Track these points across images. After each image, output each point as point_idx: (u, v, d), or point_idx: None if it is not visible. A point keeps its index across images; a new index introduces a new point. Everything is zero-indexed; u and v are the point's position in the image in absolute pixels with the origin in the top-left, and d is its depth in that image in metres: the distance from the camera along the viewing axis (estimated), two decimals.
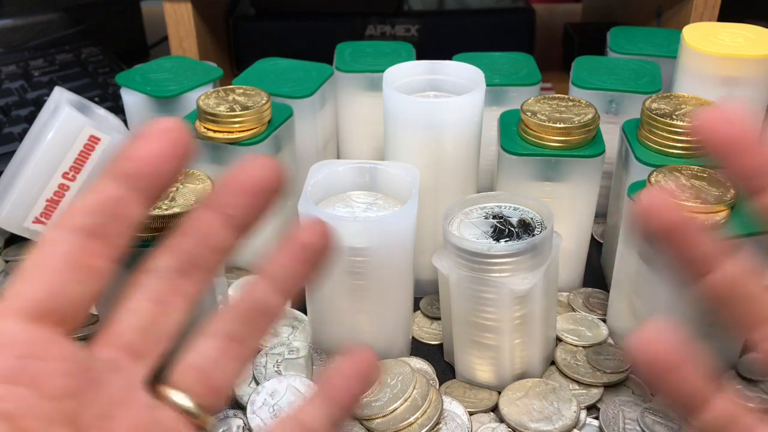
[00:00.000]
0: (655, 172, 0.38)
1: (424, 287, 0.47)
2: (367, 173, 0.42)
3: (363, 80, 0.54)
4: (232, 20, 0.76)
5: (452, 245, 0.37)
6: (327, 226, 0.27)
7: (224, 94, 0.46)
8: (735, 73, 0.47)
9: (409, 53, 0.57)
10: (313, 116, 0.52)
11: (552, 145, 0.42)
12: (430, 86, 0.47)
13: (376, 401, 0.38)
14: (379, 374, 0.27)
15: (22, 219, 0.48)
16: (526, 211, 0.39)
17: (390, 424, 0.37)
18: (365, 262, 0.38)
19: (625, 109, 0.50)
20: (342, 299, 0.40)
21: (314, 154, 0.53)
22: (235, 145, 0.44)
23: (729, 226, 0.36)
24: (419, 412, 0.37)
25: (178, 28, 0.64)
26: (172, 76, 0.53)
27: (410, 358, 0.42)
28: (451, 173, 0.44)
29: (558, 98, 0.45)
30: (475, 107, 0.43)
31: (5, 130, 0.62)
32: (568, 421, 0.36)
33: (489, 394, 0.39)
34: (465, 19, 0.77)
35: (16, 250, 0.51)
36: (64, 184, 0.49)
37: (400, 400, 0.37)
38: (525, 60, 0.55)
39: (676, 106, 0.43)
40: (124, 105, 0.53)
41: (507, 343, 0.38)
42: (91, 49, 0.76)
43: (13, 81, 0.69)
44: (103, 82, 0.70)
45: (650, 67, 0.53)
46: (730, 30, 0.49)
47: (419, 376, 0.39)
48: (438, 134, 0.42)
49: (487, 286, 0.36)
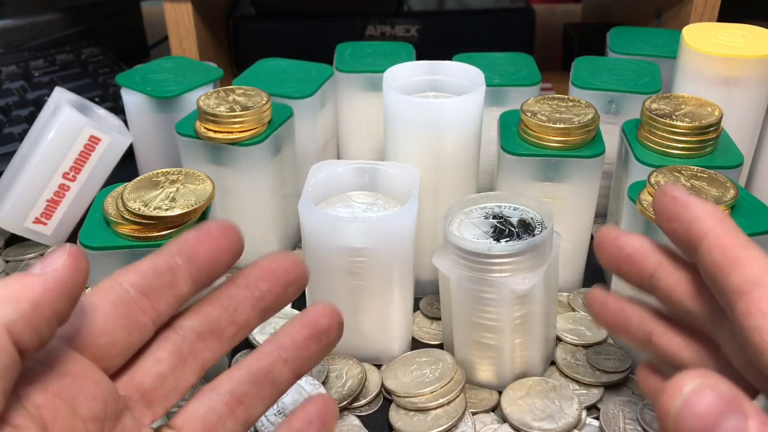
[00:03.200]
0: (654, 172, 0.38)
1: (424, 287, 0.47)
2: (367, 173, 0.42)
3: (363, 80, 0.54)
4: (232, 20, 0.76)
5: (452, 245, 0.37)
6: (337, 310, 0.31)
7: (224, 94, 0.46)
8: (735, 74, 0.47)
9: (409, 53, 0.57)
10: (313, 116, 0.52)
11: (552, 145, 0.42)
12: (430, 86, 0.47)
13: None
14: (336, 420, 0.30)
15: (22, 219, 0.48)
16: (526, 211, 0.39)
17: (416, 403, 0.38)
18: (365, 262, 0.38)
19: (625, 109, 0.51)
20: (342, 299, 0.40)
21: (314, 155, 0.53)
22: (235, 146, 0.44)
23: None
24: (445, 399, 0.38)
25: (178, 28, 0.64)
26: (172, 76, 0.53)
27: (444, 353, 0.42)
28: (451, 173, 0.44)
29: (558, 98, 0.45)
30: (475, 107, 0.43)
31: (5, 131, 0.62)
32: (571, 419, 0.36)
33: (489, 394, 0.39)
34: (465, 19, 0.77)
35: (16, 250, 0.51)
36: (64, 184, 0.49)
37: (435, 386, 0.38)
38: (525, 60, 0.56)
39: (676, 107, 0.43)
40: (125, 105, 0.54)
41: (507, 343, 0.38)
42: (92, 50, 0.76)
43: (14, 81, 0.69)
44: (103, 83, 0.70)
45: (650, 67, 0.53)
46: (729, 30, 0.49)
47: (459, 368, 0.40)
48: (438, 134, 0.42)
49: (487, 286, 0.37)
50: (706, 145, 0.42)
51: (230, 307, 0.28)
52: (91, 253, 0.36)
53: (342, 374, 0.40)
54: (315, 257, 0.39)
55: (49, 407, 0.23)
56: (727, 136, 0.44)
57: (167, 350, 0.27)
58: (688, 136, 0.41)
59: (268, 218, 0.48)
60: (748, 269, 0.25)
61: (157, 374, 0.27)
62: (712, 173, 0.38)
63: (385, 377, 0.40)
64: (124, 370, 0.26)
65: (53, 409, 0.23)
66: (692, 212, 0.27)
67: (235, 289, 0.29)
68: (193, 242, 0.28)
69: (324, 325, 0.30)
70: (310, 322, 0.30)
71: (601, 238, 0.31)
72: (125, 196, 0.37)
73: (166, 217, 0.35)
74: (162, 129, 0.53)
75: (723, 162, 0.41)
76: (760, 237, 0.36)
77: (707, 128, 0.41)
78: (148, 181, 0.38)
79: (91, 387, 0.24)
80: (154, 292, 0.26)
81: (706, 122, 0.41)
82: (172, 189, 0.37)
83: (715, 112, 0.43)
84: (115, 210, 0.37)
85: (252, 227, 0.48)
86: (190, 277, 0.27)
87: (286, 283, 0.29)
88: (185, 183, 0.38)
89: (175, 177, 0.39)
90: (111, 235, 0.36)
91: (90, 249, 0.36)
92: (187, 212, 0.36)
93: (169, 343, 0.27)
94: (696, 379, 0.21)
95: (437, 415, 0.37)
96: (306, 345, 0.29)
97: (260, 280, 0.29)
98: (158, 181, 0.38)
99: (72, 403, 0.23)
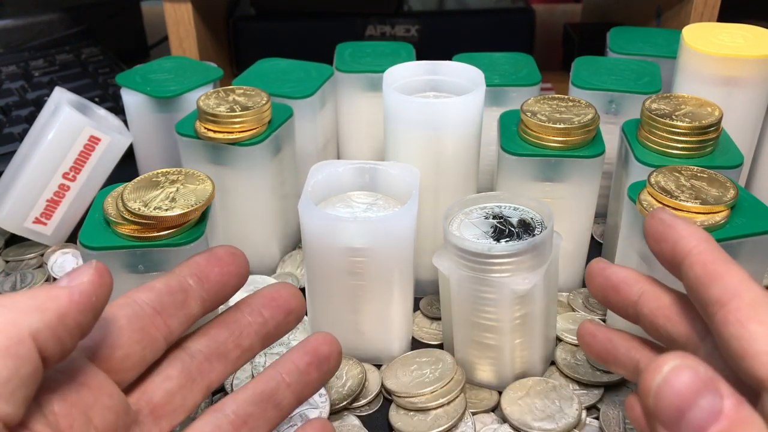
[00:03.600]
0: (654, 172, 0.38)
1: (424, 287, 0.47)
2: (367, 173, 0.42)
3: (363, 80, 0.54)
4: (232, 20, 0.76)
5: (452, 245, 0.37)
6: (336, 340, 0.32)
7: (224, 94, 0.46)
8: (735, 74, 0.47)
9: (409, 53, 0.57)
10: (313, 116, 0.52)
11: (552, 145, 0.42)
12: (430, 87, 0.47)
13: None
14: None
15: (22, 219, 0.48)
16: (526, 211, 0.39)
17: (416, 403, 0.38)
18: (365, 262, 0.38)
19: (625, 109, 0.51)
20: (342, 299, 0.40)
21: (314, 155, 0.53)
22: (235, 146, 0.44)
23: (729, 226, 0.36)
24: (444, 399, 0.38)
25: (178, 28, 0.64)
26: (172, 76, 0.53)
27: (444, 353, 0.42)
28: (451, 173, 0.44)
29: (558, 98, 0.45)
30: (475, 107, 0.43)
31: (5, 131, 0.62)
32: (571, 419, 0.36)
33: (489, 394, 0.39)
34: (465, 19, 0.77)
35: (16, 250, 0.51)
36: (64, 185, 0.49)
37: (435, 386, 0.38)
38: (525, 60, 0.56)
39: (676, 107, 0.43)
40: (125, 105, 0.54)
41: (507, 343, 0.38)
42: (92, 50, 0.76)
43: (14, 81, 0.69)
44: (103, 83, 0.70)
45: (650, 67, 0.53)
46: (729, 30, 0.49)
47: (459, 368, 0.40)
48: (438, 134, 0.42)
49: (487, 286, 0.37)
50: (706, 145, 0.42)
51: (236, 330, 0.30)
52: (91, 253, 0.36)
53: (342, 374, 0.40)
54: (315, 257, 0.39)
55: (66, 416, 0.24)
56: (727, 136, 0.44)
57: (176, 368, 0.28)
58: (688, 136, 0.41)
59: (268, 218, 0.48)
60: (726, 281, 0.26)
61: (167, 391, 0.28)
62: (712, 173, 0.38)
63: (385, 377, 0.40)
64: (135, 385, 0.27)
65: (70, 418, 0.24)
66: (677, 232, 0.29)
67: (240, 314, 0.31)
68: (204, 265, 0.29)
69: (325, 352, 0.31)
70: (311, 349, 0.31)
71: (590, 269, 0.33)
72: (125, 196, 0.36)
73: (166, 217, 0.35)
74: (162, 129, 0.53)
75: (723, 162, 0.41)
76: (760, 237, 0.36)
77: (707, 128, 0.41)
78: (148, 181, 0.38)
79: (106, 399, 0.25)
80: (168, 310, 0.28)
81: (706, 122, 0.41)
82: (172, 189, 0.37)
83: (715, 112, 0.43)
84: (115, 210, 0.37)
85: (252, 227, 0.48)
86: (201, 298, 0.29)
87: (287, 311, 0.31)
88: (185, 183, 0.38)
89: (175, 177, 0.39)
90: (111, 235, 0.36)
91: (90, 249, 0.36)
92: (187, 212, 0.36)
93: (179, 361, 0.29)
94: (676, 359, 0.23)
95: (437, 415, 0.37)
96: (307, 371, 0.31)
97: (263, 307, 0.31)
98: (158, 181, 0.38)
99: (88, 414, 0.24)
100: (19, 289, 0.47)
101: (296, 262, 0.50)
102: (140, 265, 0.36)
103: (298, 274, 0.49)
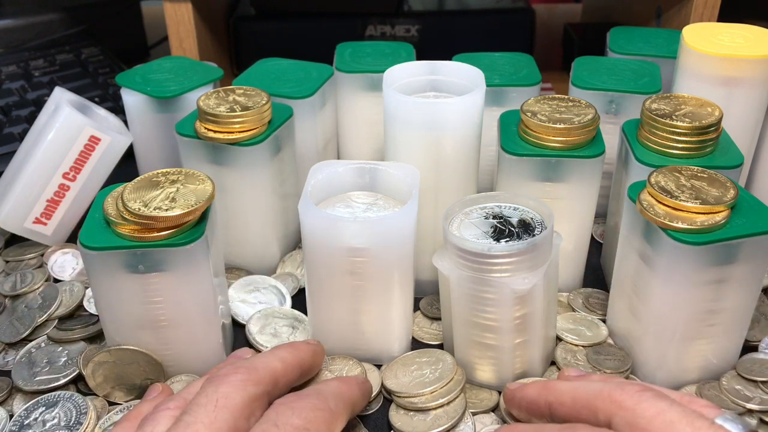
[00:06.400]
0: (654, 173, 0.38)
1: (424, 287, 0.47)
2: (367, 174, 0.42)
3: (363, 80, 0.54)
4: (232, 20, 0.76)
5: (452, 245, 0.37)
6: (322, 347, 0.39)
7: (224, 94, 0.46)
8: (735, 74, 0.47)
9: (409, 53, 0.57)
10: (313, 117, 0.52)
11: (552, 145, 0.42)
12: (430, 87, 0.47)
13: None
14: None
15: (22, 219, 0.48)
16: (526, 211, 0.39)
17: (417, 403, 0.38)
18: (365, 262, 0.38)
19: (625, 109, 0.51)
20: (342, 299, 0.40)
21: (314, 155, 0.53)
22: (235, 146, 0.44)
23: (729, 226, 0.36)
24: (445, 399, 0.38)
25: (178, 28, 0.64)
26: (173, 76, 0.53)
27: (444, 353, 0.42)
28: (451, 173, 0.44)
29: (558, 98, 0.45)
30: (475, 108, 0.43)
31: (6, 131, 0.62)
32: None
33: (489, 394, 0.39)
34: (465, 19, 0.77)
35: (16, 250, 0.51)
36: (64, 184, 0.49)
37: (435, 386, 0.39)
38: (525, 60, 0.56)
39: (676, 107, 0.43)
40: (125, 105, 0.54)
41: (507, 343, 0.38)
42: (92, 50, 0.76)
43: (14, 81, 0.69)
44: (104, 83, 0.70)
45: (650, 67, 0.53)
46: (729, 30, 0.49)
47: (460, 369, 0.40)
48: (438, 135, 0.42)
49: (487, 286, 0.37)
50: (706, 145, 0.42)
51: None
52: (91, 253, 0.36)
53: (342, 374, 0.40)
54: (315, 257, 0.39)
55: None
56: (727, 136, 0.44)
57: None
58: (688, 136, 0.41)
59: (268, 218, 0.48)
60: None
61: None
62: (712, 173, 0.38)
63: (385, 377, 0.40)
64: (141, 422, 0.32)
65: None
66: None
67: None
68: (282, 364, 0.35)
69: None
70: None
71: (505, 395, 0.37)
72: (125, 196, 0.36)
73: (166, 217, 0.35)
74: (162, 129, 0.53)
75: (723, 162, 0.41)
76: (760, 237, 0.36)
77: (707, 128, 0.41)
78: (148, 181, 0.38)
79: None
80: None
81: (706, 122, 0.41)
82: (172, 189, 0.37)
83: (715, 112, 0.43)
84: (115, 210, 0.37)
85: (252, 227, 0.48)
86: (270, 397, 0.33)
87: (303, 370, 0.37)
88: (185, 183, 0.38)
89: (175, 177, 0.39)
90: (111, 235, 0.36)
91: (90, 249, 0.36)
92: (187, 212, 0.36)
93: None
94: None
95: (437, 415, 0.37)
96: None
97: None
98: (158, 181, 0.38)
99: None
100: (19, 289, 0.47)
101: (296, 262, 0.50)
102: (140, 265, 0.36)
103: (298, 274, 0.49)
